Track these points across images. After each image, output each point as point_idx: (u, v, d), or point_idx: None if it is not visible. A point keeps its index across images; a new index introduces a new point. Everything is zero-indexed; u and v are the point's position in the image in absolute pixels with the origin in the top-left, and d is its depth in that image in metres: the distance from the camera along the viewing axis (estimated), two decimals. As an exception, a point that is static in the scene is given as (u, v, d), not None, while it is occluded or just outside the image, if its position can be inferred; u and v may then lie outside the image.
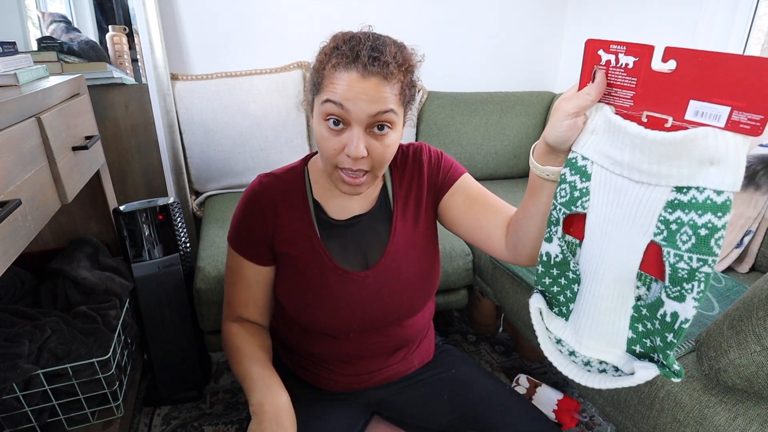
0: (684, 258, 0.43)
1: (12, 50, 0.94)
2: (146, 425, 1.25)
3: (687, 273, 0.43)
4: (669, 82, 0.42)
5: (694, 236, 0.42)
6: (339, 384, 0.83)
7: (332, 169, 0.67)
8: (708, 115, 0.39)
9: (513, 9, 1.99)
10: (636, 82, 0.44)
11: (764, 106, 0.36)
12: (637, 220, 0.46)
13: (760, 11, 1.48)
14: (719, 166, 0.40)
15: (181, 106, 1.59)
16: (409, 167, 0.80)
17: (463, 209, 0.77)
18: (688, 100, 0.40)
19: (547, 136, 0.53)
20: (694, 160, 0.41)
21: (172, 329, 1.23)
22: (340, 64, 0.62)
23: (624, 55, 0.44)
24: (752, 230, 1.14)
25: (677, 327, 0.46)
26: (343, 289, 0.75)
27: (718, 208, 0.41)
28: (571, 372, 0.55)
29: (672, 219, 0.43)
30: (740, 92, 0.37)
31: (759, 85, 0.36)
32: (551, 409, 1.24)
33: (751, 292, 0.74)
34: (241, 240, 0.77)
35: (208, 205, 1.61)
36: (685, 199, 0.42)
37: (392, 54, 0.63)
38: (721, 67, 0.38)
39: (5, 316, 0.95)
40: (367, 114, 0.62)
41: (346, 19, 1.82)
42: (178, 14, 1.60)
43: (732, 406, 0.73)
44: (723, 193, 0.40)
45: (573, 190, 0.51)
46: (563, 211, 0.53)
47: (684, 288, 0.44)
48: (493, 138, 1.89)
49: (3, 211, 0.58)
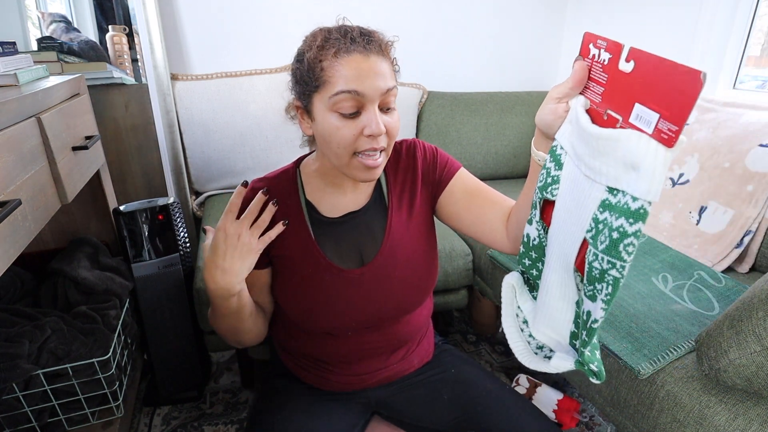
0: (598, 258, 0.44)
1: (12, 50, 0.94)
2: (146, 425, 1.25)
3: (599, 273, 0.44)
4: (626, 82, 0.42)
5: (608, 238, 0.42)
6: (339, 384, 0.83)
7: (349, 158, 0.67)
8: (643, 120, 0.39)
9: (513, 9, 1.99)
10: (607, 78, 0.44)
11: (680, 117, 0.35)
12: (581, 214, 0.47)
13: (760, 11, 1.48)
14: (638, 171, 0.39)
15: (181, 106, 1.59)
16: (402, 163, 0.81)
17: (464, 203, 0.78)
18: (634, 102, 0.40)
19: (536, 119, 0.58)
20: (619, 161, 0.41)
21: (172, 329, 1.23)
22: (341, 50, 0.63)
23: (604, 51, 0.44)
24: (752, 230, 1.14)
25: (589, 326, 0.47)
26: (338, 288, 0.75)
27: (631, 214, 0.40)
28: (518, 348, 0.58)
29: (601, 219, 0.44)
30: (667, 100, 0.37)
31: (680, 95, 0.35)
32: (551, 409, 1.24)
33: (751, 292, 0.74)
34: None
35: (208, 205, 1.61)
36: (614, 201, 0.43)
37: (375, 33, 0.67)
38: (661, 73, 0.37)
39: (5, 316, 0.95)
40: (380, 91, 0.64)
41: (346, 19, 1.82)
42: (178, 14, 1.60)
43: (732, 406, 0.73)
44: (638, 200, 0.40)
45: (547, 176, 0.53)
46: (539, 195, 0.55)
47: (596, 288, 0.45)
48: (493, 138, 1.89)
49: (3, 211, 0.58)
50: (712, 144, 1.26)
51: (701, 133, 1.31)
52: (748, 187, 1.15)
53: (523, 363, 0.59)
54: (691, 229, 1.25)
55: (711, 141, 1.27)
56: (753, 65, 1.57)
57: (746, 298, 0.73)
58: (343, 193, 0.78)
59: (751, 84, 1.58)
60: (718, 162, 1.23)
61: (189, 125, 1.59)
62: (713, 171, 1.23)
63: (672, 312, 0.96)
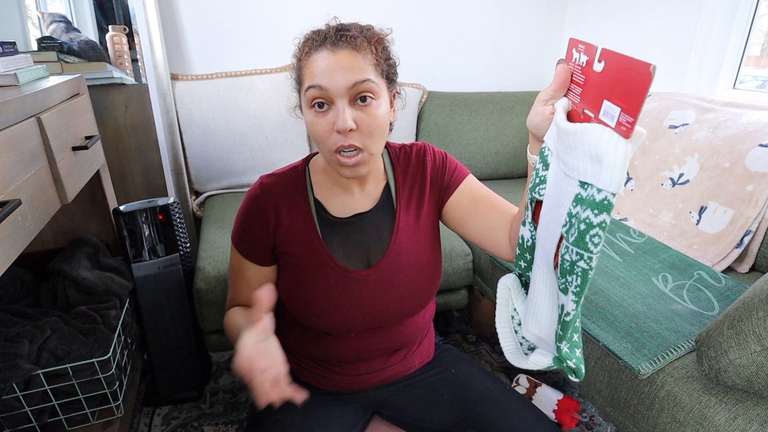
0: (569, 250, 0.45)
1: (12, 50, 0.94)
2: (146, 425, 1.25)
3: (569, 265, 0.45)
4: (598, 81, 0.43)
5: (576, 230, 0.44)
6: (339, 384, 0.83)
7: (330, 154, 0.68)
8: (608, 115, 0.41)
9: (513, 9, 1.99)
10: (584, 79, 0.46)
11: (635, 108, 0.37)
12: (559, 210, 0.48)
13: (760, 11, 1.48)
14: (601, 164, 0.41)
15: (181, 106, 1.59)
16: (412, 167, 0.81)
17: (471, 210, 0.78)
18: (603, 99, 0.42)
19: (527, 123, 0.59)
20: (586, 154, 0.42)
21: (172, 329, 1.24)
22: (312, 48, 0.66)
23: (582, 54, 0.46)
24: (752, 230, 1.14)
25: (562, 319, 0.48)
26: (344, 288, 0.75)
27: (596, 206, 0.42)
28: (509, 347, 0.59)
29: (574, 213, 0.45)
30: (626, 94, 0.38)
31: (635, 87, 0.37)
32: (551, 409, 1.24)
33: (751, 292, 0.74)
34: (243, 241, 0.78)
35: (208, 205, 1.61)
36: (584, 195, 0.44)
37: (359, 30, 0.68)
38: (623, 69, 0.39)
39: (5, 316, 0.95)
40: (345, 86, 0.64)
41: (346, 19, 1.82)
42: (178, 14, 1.60)
43: (732, 406, 0.73)
44: (602, 191, 0.41)
45: (536, 177, 0.55)
46: (530, 195, 0.56)
47: (567, 280, 0.46)
48: (493, 138, 1.89)
49: (3, 211, 0.58)
50: (712, 144, 1.26)
51: (701, 133, 1.31)
52: (748, 187, 1.15)
53: (512, 362, 0.60)
54: (691, 229, 1.25)
55: (711, 141, 1.27)
56: (753, 65, 1.57)
57: (746, 298, 0.73)
58: (351, 194, 0.78)
59: (751, 84, 1.58)
60: (718, 162, 1.23)
61: (189, 125, 1.59)
62: (713, 171, 1.23)
63: (672, 312, 0.96)
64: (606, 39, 1.91)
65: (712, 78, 1.58)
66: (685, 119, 1.38)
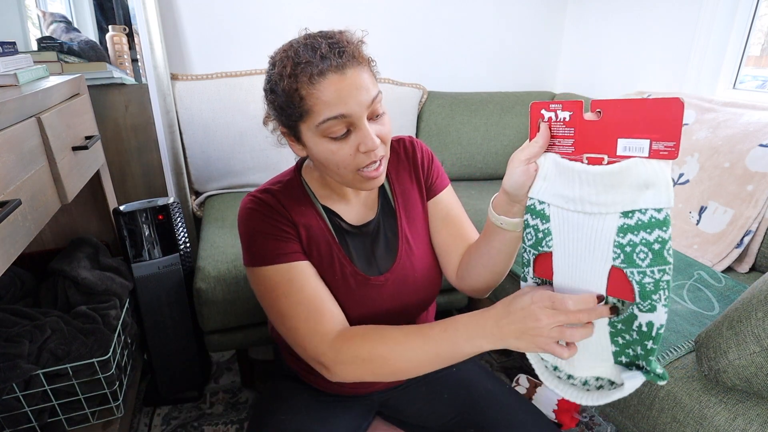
0: (647, 273, 0.49)
1: (12, 50, 0.94)
2: (146, 425, 1.25)
3: (653, 285, 0.49)
4: (599, 127, 0.49)
5: (650, 252, 0.48)
6: (345, 387, 0.82)
7: (353, 174, 0.65)
8: (633, 149, 0.46)
9: (513, 9, 1.99)
10: (574, 131, 0.51)
11: (674, 135, 0.44)
12: (596, 249, 0.51)
13: (760, 11, 1.48)
14: (653, 188, 0.46)
15: (181, 106, 1.58)
16: (403, 164, 0.80)
17: (439, 225, 0.80)
18: (617, 138, 0.47)
19: (504, 184, 0.58)
20: (633, 186, 0.47)
21: (172, 329, 1.24)
22: (314, 74, 0.58)
23: (561, 111, 0.51)
24: (752, 230, 1.14)
25: (654, 334, 0.51)
26: (362, 294, 0.73)
27: (662, 224, 0.47)
28: (572, 394, 0.59)
29: (625, 242, 0.49)
30: (654, 127, 0.45)
31: (667, 120, 0.44)
32: (551, 409, 1.23)
33: (750, 292, 0.74)
34: (270, 249, 0.67)
35: (208, 205, 1.61)
36: (632, 222, 0.48)
37: (345, 40, 0.62)
38: (636, 110, 0.45)
39: (5, 316, 0.95)
40: (365, 106, 0.61)
41: (346, 19, 1.82)
42: (178, 14, 1.60)
43: (732, 406, 0.73)
44: (662, 210, 0.47)
45: (537, 232, 0.57)
46: (532, 252, 0.58)
47: (653, 299, 0.49)
48: (493, 138, 1.89)
49: (3, 211, 0.58)
50: (712, 144, 1.26)
51: (701, 133, 1.31)
52: (748, 187, 1.15)
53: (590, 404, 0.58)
54: (691, 229, 1.25)
55: (711, 141, 1.27)
56: (753, 65, 1.57)
57: (745, 299, 0.73)
58: (348, 201, 0.76)
59: (751, 84, 1.58)
60: (718, 162, 1.23)
61: (189, 125, 1.59)
62: (713, 171, 1.23)
63: (672, 312, 0.96)
64: (606, 39, 1.91)
65: (712, 78, 1.58)
66: (685, 119, 1.38)
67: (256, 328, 1.24)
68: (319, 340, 0.64)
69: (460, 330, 0.59)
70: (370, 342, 0.62)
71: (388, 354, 0.61)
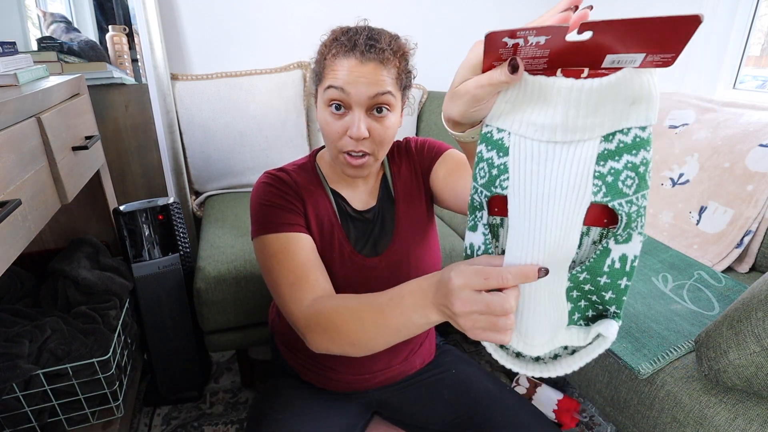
0: (634, 201, 0.42)
1: (12, 50, 0.94)
2: (146, 425, 1.25)
3: (636, 213, 0.43)
4: (585, 46, 0.40)
5: (637, 176, 0.42)
6: (342, 384, 0.83)
7: (337, 153, 0.71)
8: (624, 62, 0.40)
9: (513, 9, 1.99)
10: (548, 52, 0.41)
11: (677, 48, 0.38)
12: (570, 186, 0.43)
13: (760, 11, 1.48)
14: (642, 103, 0.41)
15: (181, 106, 1.59)
16: (403, 158, 0.85)
17: (455, 176, 0.79)
18: (605, 55, 0.40)
19: (455, 116, 0.45)
20: (626, 100, 0.41)
21: (172, 329, 1.24)
22: (340, 52, 0.66)
23: (533, 36, 0.40)
24: (752, 230, 1.14)
25: (629, 269, 0.45)
26: (359, 275, 0.77)
27: (647, 143, 0.42)
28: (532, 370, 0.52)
29: (606, 171, 0.42)
30: (655, 43, 0.38)
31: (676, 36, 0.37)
32: (551, 409, 1.24)
33: (750, 292, 0.74)
34: (275, 218, 0.71)
35: (208, 205, 1.61)
36: (613, 147, 0.42)
37: (387, 42, 0.68)
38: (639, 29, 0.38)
39: (5, 316, 0.95)
40: (367, 96, 0.66)
41: (346, 19, 1.82)
42: (178, 14, 1.60)
43: (732, 406, 0.73)
44: (647, 128, 0.41)
45: (491, 167, 0.46)
46: (484, 193, 0.47)
47: (631, 228, 0.44)
48: (493, 138, 1.89)
49: (3, 211, 0.58)
50: (712, 144, 1.26)
51: (701, 133, 1.31)
52: (748, 187, 1.15)
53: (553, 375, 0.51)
54: (691, 229, 1.25)
55: (711, 141, 1.27)
56: (753, 65, 1.57)
57: (745, 299, 0.73)
58: (356, 188, 0.81)
59: (751, 84, 1.58)
60: (718, 162, 1.23)
61: (189, 125, 1.59)
62: (713, 171, 1.23)
63: (672, 312, 0.96)
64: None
65: (712, 78, 1.58)
66: (685, 119, 1.38)
67: (256, 328, 1.24)
68: (296, 305, 0.64)
69: (405, 298, 0.53)
70: (329, 311, 0.60)
71: (342, 324, 0.58)
